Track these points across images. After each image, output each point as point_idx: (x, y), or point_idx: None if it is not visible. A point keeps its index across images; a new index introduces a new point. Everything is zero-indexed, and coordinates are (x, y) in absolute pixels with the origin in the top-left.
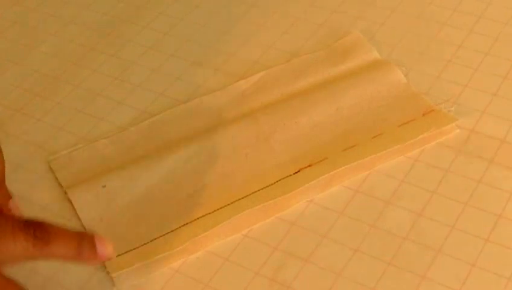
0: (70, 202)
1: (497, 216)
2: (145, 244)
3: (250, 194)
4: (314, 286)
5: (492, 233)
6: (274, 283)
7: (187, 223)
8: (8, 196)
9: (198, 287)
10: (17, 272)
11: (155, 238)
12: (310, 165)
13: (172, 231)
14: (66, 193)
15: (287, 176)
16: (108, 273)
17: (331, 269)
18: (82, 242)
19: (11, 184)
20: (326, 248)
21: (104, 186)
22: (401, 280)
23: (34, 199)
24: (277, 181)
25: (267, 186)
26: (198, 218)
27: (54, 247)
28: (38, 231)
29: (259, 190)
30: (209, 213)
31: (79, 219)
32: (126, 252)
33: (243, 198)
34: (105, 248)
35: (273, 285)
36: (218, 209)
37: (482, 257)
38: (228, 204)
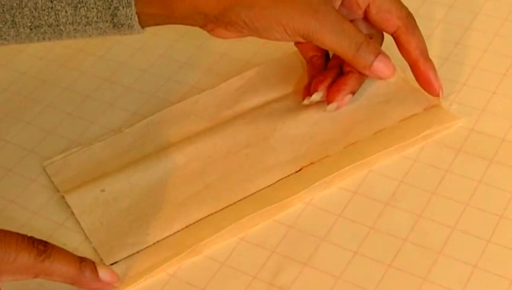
0: (62, 206)
1: (499, 216)
2: (147, 247)
3: (252, 194)
4: None
5: (494, 234)
6: (272, 287)
7: (189, 225)
8: None
9: None
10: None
11: (158, 241)
12: (311, 164)
13: (174, 234)
14: (59, 197)
15: (289, 175)
16: None
17: (330, 272)
18: (84, 263)
19: (2, 189)
20: (325, 251)
21: (103, 191)
22: (402, 283)
23: (25, 204)
24: (279, 180)
25: (269, 186)
26: (200, 220)
27: (55, 263)
28: (41, 245)
29: (261, 190)
30: (211, 214)
31: (71, 223)
32: (128, 257)
33: (245, 198)
34: (107, 275)
35: (272, 289)
36: (220, 211)
37: (483, 258)
38: (231, 204)
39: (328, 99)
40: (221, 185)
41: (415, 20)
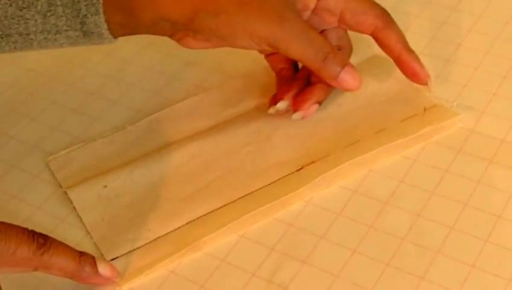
0: (64, 201)
1: (497, 217)
2: (147, 243)
3: (253, 192)
4: (312, 288)
5: (492, 234)
6: (271, 284)
7: (190, 222)
8: None
9: (194, 289)
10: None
11: (158, 237)
12: (312, 162)
13: (175, 230)
14: (62, 192)
15: (290, 173)
16: None
17: (328, 270)
18: (84, 258)
19: (6, 184)
20: (324, 249)
21: (105, 187)
22: (400, 281)
23: (28, 199)
24: (280, 179)
25: (270, 184)
26: (200, 217)
27: (55, 256)
28: (41, 238)
29: (262, 188)
30: (212, 212)
31: (73, 219)
32: (128, 252)
33: (246, 196)
34: (107, 270)
35: (270, 287)
36: (221, 208)
37: (481, 258)
38: (231, 202)
39: (293, 108)
40: (223, 182)
41: (390, 16)
